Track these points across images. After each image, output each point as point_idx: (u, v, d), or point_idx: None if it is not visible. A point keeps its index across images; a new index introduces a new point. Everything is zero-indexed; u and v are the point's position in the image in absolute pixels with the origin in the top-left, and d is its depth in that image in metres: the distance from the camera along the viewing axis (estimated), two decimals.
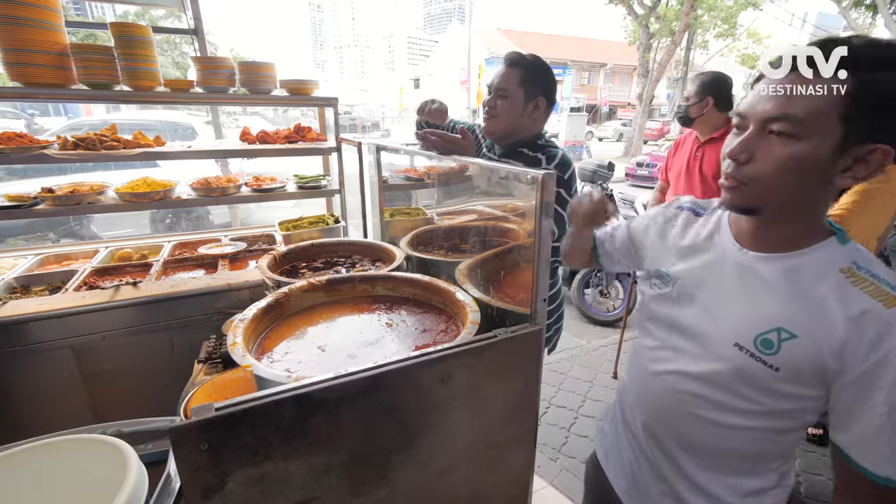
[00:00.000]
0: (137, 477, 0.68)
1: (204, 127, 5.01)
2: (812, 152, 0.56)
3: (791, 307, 0.61)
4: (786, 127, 0.57)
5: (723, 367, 0.66)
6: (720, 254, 0.72)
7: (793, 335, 0.60)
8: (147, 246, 2.14)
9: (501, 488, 0.92)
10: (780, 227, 0.65)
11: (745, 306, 0.66)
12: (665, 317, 0.78)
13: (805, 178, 0.58)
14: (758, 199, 0.63)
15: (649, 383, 0.79)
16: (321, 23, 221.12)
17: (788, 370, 0.61)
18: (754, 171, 0.61)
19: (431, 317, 1.12)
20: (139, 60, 1.72)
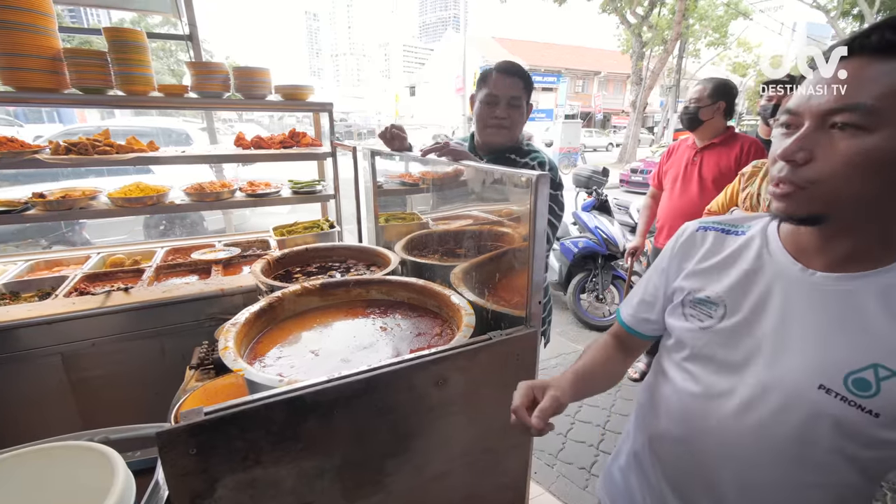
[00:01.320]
0: (124, 484, 0.67)
1: (199, 133, 5.00)
2: (887, 145, 0.47)
3: (888, 338, 0.51)
4: (853, 118, 0.48)
5: (806, 416, 0.55)
6: (776, 275, 0.60)
7: (894, 373, 0.50)
8: (139, 252, 2.12)
9: (497, 493, 0.91)
10: (851, 239, 0.55)
11: (826, 340, 0.55)
12: (713, 356, 0.64)
13: (880, 178, 0.49)
14: (823, 206, 0.53)
15: (700, 439, 0.65)
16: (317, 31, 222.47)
17: (891, 416, 0.51)
18: (816, 172, 0.51)
19: (426, 320, 1.11)
20: (133, 65, 1.72)
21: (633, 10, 14.76)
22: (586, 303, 3.53)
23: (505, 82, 1.34)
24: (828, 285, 0.56)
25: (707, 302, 0.66)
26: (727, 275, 0.65)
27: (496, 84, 1.34)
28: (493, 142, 1.39)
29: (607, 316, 3.48)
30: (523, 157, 1.39)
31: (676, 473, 0.69)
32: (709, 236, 0.70)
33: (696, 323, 0.66)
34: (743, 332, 0.61)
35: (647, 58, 15.28)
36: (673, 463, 0.70)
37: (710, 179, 2.09)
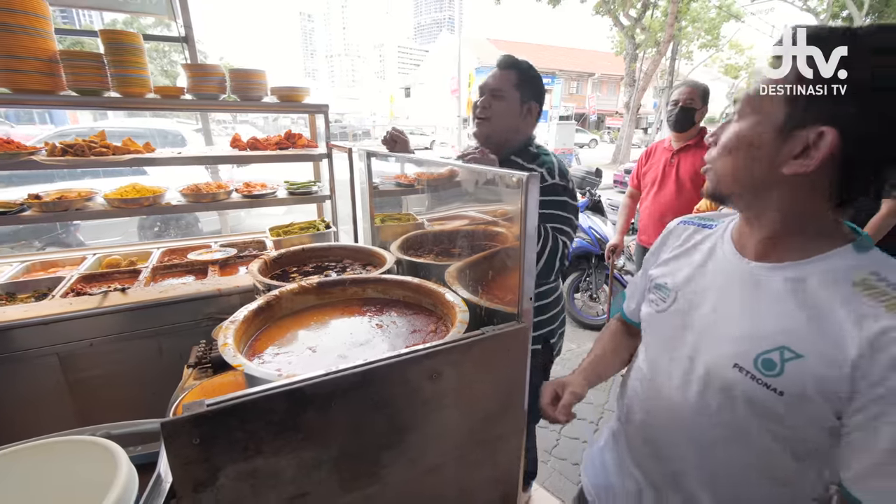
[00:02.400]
0: (127, 477, 0.68)
1: (193, 135, 4.99)
2: (753, 129, 0.56)
3: (795, 323, 0.55)
4: (736, 107, 0.60)
5: (724, 392, 0.60)
6: (721, 264, 0.67)
7: (798, 355, 0.54)
8: (135, 253, 2.13)
9: (490, 486, 0.93)
10: (766, 228, 0.61)
11: (746, 322, 0.60)
12: (663, 337, 0.72)
13: (746, 158, 0.58)
14: (719, 183, 0.62)
15: (653, 415, 0.71)
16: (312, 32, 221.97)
17: (793, 395, 0.55)
18: (714, 152, 0.63)
19: (421, 318, 1.13)
20: (129, 67, 1.73)
21: (627, 13, 14.88)
22: (580, 302, 3.57)
23: (494, 74, 1.32)
24: (756, 273, 0.62)
25: (664, 288, 0.73)
26: (684, 263, 0.72)
27: (486, 77, 1.34)
28: (480, 133, 1.37)
29: (601, 315, 3.52)
30: (530, 161, 1.34)
31: (640, 449, 0.76)
32: (688, 230, 0.77)
33: (653, 307, 0.74)
34: (687, 315, 0.68)
35: (641, 59, 15.40)
36: (636, 439, 0.77)
37: (688, 179, 2.16)
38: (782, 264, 0.60)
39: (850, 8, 12.15)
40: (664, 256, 0.78)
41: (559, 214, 1.25)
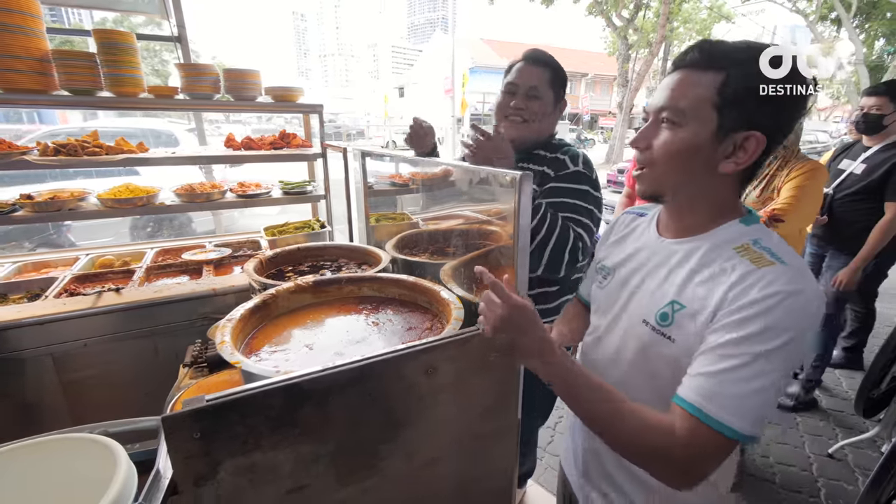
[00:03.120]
0: (127, 473, 0.69)
1: (185, 134, 4.96)
2: (692, 138, 0.63)
3: (684, 281, 0.67)
4: (670, 115, 0.64)
5: (638, 344, 0.72)
6: (646, 244, 0.79)
7: (682, 306, 0.65)
8: (129, 253, 2.12)
9: (485, 480, 0.95)
10: (687, 215, 0.72)
11: (655, 287, 0.71)
12: (600, 308, 0.84)
13: (689, 162, 0.65)
14: (656, 184, 0.70)
15: (594, 361, 0.85)
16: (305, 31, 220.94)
17: (681, 340, 0.65)
18: (651, 156, 0.68)
19: (417, 315, 1.15)
20: (123, 67, 1.72)
21: (619, 13, 14.97)
22: None
23: (526, 71, 1.23)
24: (668, 248, 0.73)
25: (605, 268, 0.85)
26: (622, 246, 0.84)
27: (518, 73, 1.24)
28: (509, 136, 1.25)
29: None
30: (553, 151, 1.27)
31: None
32: (628, 218, 0.89)
33: (597, 285, 0.87)
34: (620, 289, 0.79)
35: (633, 60, 15.52)
36: None
37: None
38: (688, 238, 0.71)
39: (838, 10, 12.32)
40: (609, 241, 0.89)
41: (577, 204, 1.17)
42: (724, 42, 0.63)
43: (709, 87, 0.61)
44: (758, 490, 1.85)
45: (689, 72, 0.63)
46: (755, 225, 0.68)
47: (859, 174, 2.11)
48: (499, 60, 26.85)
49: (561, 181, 1.20)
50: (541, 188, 1.24)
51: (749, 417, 0.55)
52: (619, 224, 0.91)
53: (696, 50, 0.63)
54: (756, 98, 0.60)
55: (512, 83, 1.25)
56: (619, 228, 0.90)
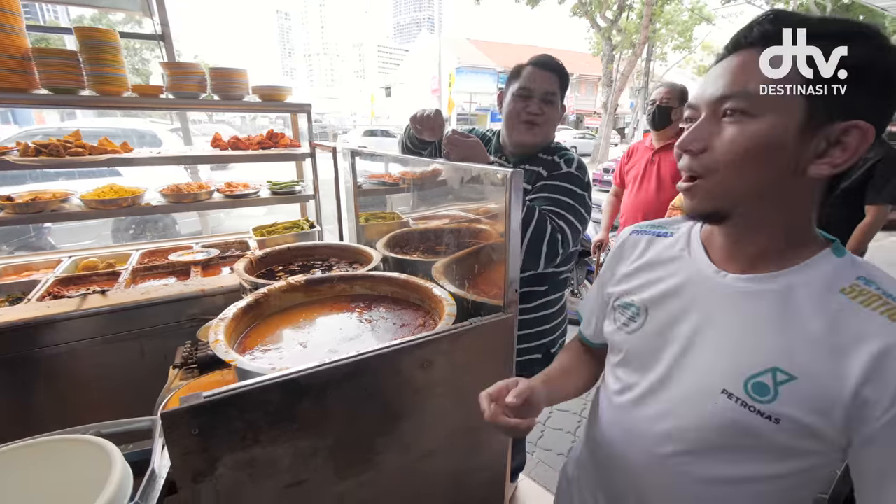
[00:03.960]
0: (122, 474, 0.69)
1: (168, 135, 4.88)
2: (772, 131, 0.48)
3: (787, 340, 0.50)
4: (739, 104, 0.49)
5: (713, 422, 0.53)
6: (694, 277, 0.59)
7: (791, 377, 0.49)
8: (113, 255, 2.09)
9: (479, 471, 0.97)
10: (761, 238, 0.54)
11: (731, 343, 0.53)
12: (637, 359, 0.63)
13: (770, 165, 0.49)
14: (722, 198, 0.53)
15: (626, 443, 0.64)
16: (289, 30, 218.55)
17: (790, 420, 0.48)
18: (712, 160, 0.52)
19: (410, 312, 1.16)
20: (106, 65, 1.70)
21: (603, 14, 15.18)
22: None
23: (541, 76, 1.23)
24: (737, 287, 0.55)
25: (630, 305, 0.65)
26: (650, 278, 0.64)
27: (531, 77, 1.24)
28: (524, 141, 1.27)
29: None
30: (550, 154, 1.28)
31: (610, 480, 0.68)
32: (641, 241, 0.70)
33: (622, 327, 0.66)
34: (663, 335, 0.60)
35: (617, 60, 15.74)
36: (607, 469, 0.69)
37: (669, 177, 2.24)
38: (764, 275, 0.54)
39: (813, 11, 12.71)
40: (623, 271, 0.70)
41: (561, 200, 1.16)
42: (796, 13, 0.49)
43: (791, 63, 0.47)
44: None
45: (759, 50, 0.48)
46: (847, 255, 0.53)
47: None
48: (485, 60, 26.94)
49: (550, 179, 1.22)
50: (533, 187, 1.27)
51: None
52: (627, 246, 0.71)
53: (769, 22, 0.49)
54: (858, 77, 0.45)
55: (525, 88, 1.24)
56: (631, 252, 0.70)
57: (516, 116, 1.26)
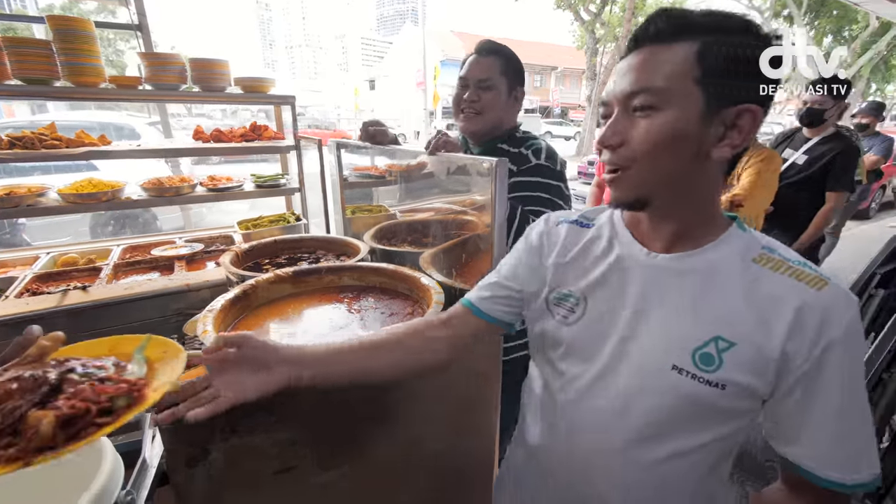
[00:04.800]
0: (113, 464, 0.69)
1: (146, 129, 4.76)
2: (677, 121, 0.52)
3: (721, 311, 0.54)
4: (646, 99, 0.53)
5: (665, 400, 0.55)
6: (627, 262, 0.61)
7: (731, 343, 0.53)
8: (94, 251, 2.04)
9: (469, 455, 0.99)
10: (679, 219, 0.58)
11: (673, 320, 0.56)
12: (579, 349, 0.63)
13: (680, 152, 0.53)
14: (642, 187, 0.56)
15: (573, 439, 0.64)
16: (270, 21, 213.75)
17: (734, 385, 0.52)
18: (629, 153, 0.55)
19: (398, 302, 1.17)
20: (81, 55, 1.65)
21: (587, 7, 15.25)
22: None
23: (477, 64, 1.24)
24: (668, 267, 0.58)
25: (569, 296, 0.65)
26: (583, 268, 0.65)
27: (468, 66, 1.25)
28: (465, 128, 1.29)
29: None
30: (517, 146, 1.24)
31: (558, 486, 0.67)
32: (563, 229, 0.70)
33: (562, 320, 0.65)
34: (604, 321, 0.61)
35: (601, 54, 15.85)
36: (554, 474, 0.67)
37: None
38: (690, 253, 0.57)
39: (790, 7, 12.98)
40: (551, 261, 0.69)
41: (539, 196, 1.16)
42: (687, 9, 0.53)
43: (686, 58, 0.51)
44: None
45: (657, 47, 0.53)
46: (749, 229, 0.59)
47: (802, 164, 2.29)
48: None
49: (521, 175, 1.19)
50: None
51: (875, 454, 0.52)
52: (550, 234, 0.71)
53: (661, 19, 0.53)
54: (742, 65, 0.51)
55: (463, 77, 1.25)
56: (554, 241, 0.70)
57: (456, 106, 1.28)
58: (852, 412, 0.51)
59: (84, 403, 0.41)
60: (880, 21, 10.48)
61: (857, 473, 0.51)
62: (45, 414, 0.40)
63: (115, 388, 0.45)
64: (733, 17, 0.53)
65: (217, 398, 0.54)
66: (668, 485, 0.58)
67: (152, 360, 0.53)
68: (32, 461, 0.37)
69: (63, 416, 0.40)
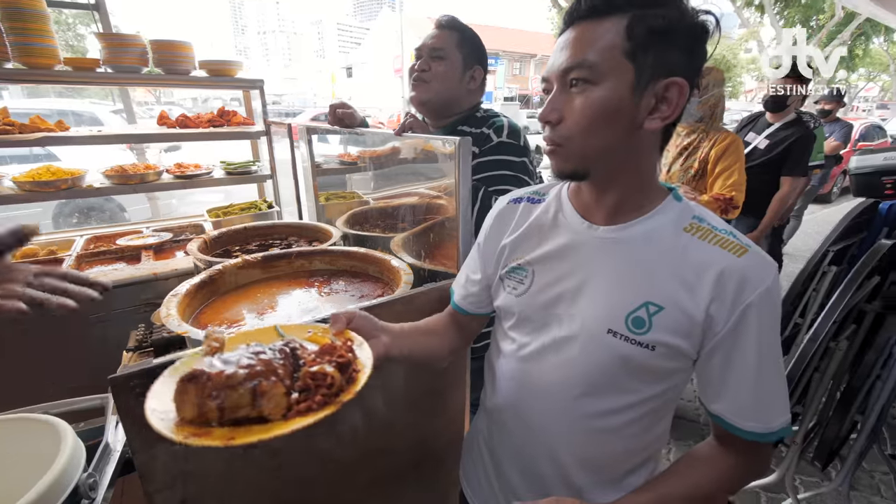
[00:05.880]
0: (73, 447, 0.68)
1: (111, 117, 4.57)
2: (611, 94, 0.54)
3: (653, 278, 0.58)
4: (581, 73, 0.55)
5: (602, 360, 0.60)
6: (570, 235, 0.65)
7: (660, 307, 0.56)
8: (55, 241, 1.96)
9: (438, 434, 1.01)
10: (616, 193, 0.61)
11: (610, 288, 0.60)
12: (529, 319, 0.67)
13: (614, 125, 0.56)
14: (579, 159, 0.59)
15: (527, 399, 0.68)
16: (241, 6, 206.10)
17: (663, 346, 0.57)
18: (567, 127, 0.57)
19: (369, 285, 1.18)
20: (32, 35, 1.57)
21: None
22: None
23: (432, 35, 1.23)
24: (607, 238, 0.62)
25: (519, 269, 0.69)
26: (533, 241, 0.69)
27: (425, 38, 1.24)
28: (414, 97, 1.26)
29: None
30: (478, 126, 1.22)
31: (514, 441, 0.71)
32: (518, 208, 0.73)
33: (512, 291, 0.69)
34: (550, 292, 0.65)
35: None
36: (511, 434, 0.71)
37: None
38: (629, 223, 0.61)
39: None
40: (505, 239, 0.73)
41: (503, 175, 1.16)
42: None
43: (616, 33, 0.53)
44: (686, 430, 2.09)
45: (589, 23, 0.55)
46: (683, 199, 0.63)
47: (763, 149, 2.38)
48: None
49: (484, 156, 1.18)
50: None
51: (788, 406, 0.57)
52: (504, 215, 0.74)
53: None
54: (668, 38, 0.53)
55: (419, 48, 1.24)
56: (509, 220, 0.73)
57: (409, 76, 1.26)
58: (767, 369, 0.56)
59: (339, 361, 0.52)
60: (845, 11, 10.86)
61: (773, 423, 0.56)
62: (333, 372, 0.50)
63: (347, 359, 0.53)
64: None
65: None
66: (608, 439, 0.63)
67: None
68: (333, 403, 0.47)
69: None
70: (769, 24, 14.12)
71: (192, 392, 0.44)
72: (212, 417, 0.44)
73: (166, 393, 0.48)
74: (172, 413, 0.46)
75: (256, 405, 0.44)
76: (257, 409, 0.45)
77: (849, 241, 1.92)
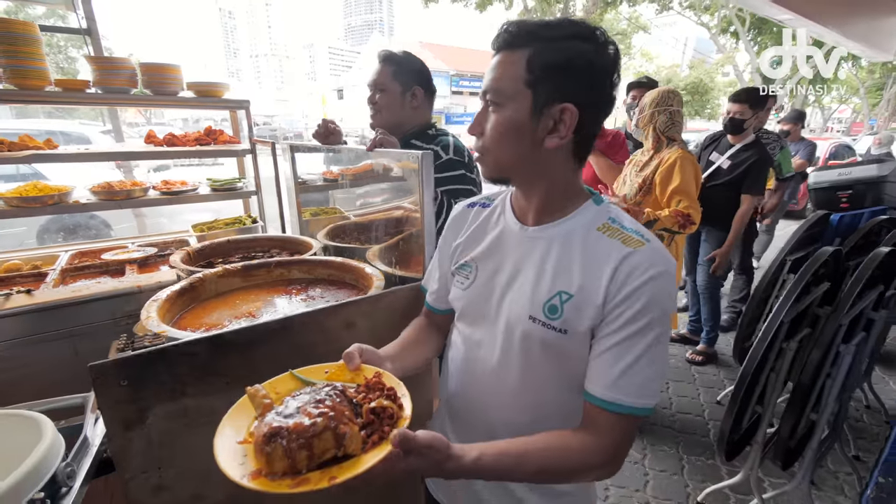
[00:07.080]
0: (53, 439, 0.72)
1: (100, 137, 4.62)
2: (514, 115, 0.64)
3: (567, 270, 0.65)
4: (493, 97, 0.65)
5: (526, 343, 0.67)
6: (507, 233, 0.74)
7: (570, 295, 0.64)
8: (39, 257, 1.99)
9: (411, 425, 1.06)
10: (538, 199, 0.70)
11: (533, 280, 0.68)
12: (471, 312, 0.76)
13: (517, 142, 0.65)
14: (496, 167, 0.69)
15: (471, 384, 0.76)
16: (234, 30, 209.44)
17: (573, 332, 0.64)
18: (485, 140, 0.68)
19: (345, 292, 1.24)
20: (24, 58, 1.64)
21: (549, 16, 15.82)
22: None
23: (374, 69, 1.42)
24: (534, 236, 0.70)
25: (465, 266, 0.78)
26: (478, 241, 0.78)
27: (371, 72, 1.43)
28: (374, 125, 1.44)
29: None
30: (428, 142, 1.40)
31: (463, 426, 0.80)
32: (472, 212, 0.83)
33: (459, 286, 0.78)
34: (488, 285, 0.73)
35: None
36: (461, 417, 0.80)
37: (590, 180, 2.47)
38: (551, 223, 0.69)
39: (735, 24, 13.99)
40: (458, 241, 0.81)
41: (458, 188, 1.32)
42: (529, 20, 0.64)
43: (519, 64, 0.62)
44: (660, 435, 2.13)
45: (504, 53, 0.64)
46: (604, 204, 0.71)
47: (726, 169, 2.53)
48: (438, 64, 27.18)
49: (437, 171, 1.30)
50: None
51: (655, 393, 0.61)
52: (459, 218, 0.84)
53: (504, 30, 0.64)
54: (561, 71, 0.61)
55: (368, 83, 1.44)
56: (462, 223, 0.83)
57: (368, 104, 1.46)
58: (638, 347, 0.61)
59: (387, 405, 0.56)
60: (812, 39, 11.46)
61: (642, 399, 0.60)
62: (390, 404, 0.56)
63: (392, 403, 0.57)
64: (563, 27, 0.62)
65: None
66: (538, 416, 0.71)
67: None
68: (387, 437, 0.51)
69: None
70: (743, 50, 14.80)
71: (279, 448, 0.47)
72: (301, 466, 0.48)
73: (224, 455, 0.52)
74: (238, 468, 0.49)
75: (340, 446, 0.49)
76: (342, 449, 0.49)
77: (805, 251, 2.03)
